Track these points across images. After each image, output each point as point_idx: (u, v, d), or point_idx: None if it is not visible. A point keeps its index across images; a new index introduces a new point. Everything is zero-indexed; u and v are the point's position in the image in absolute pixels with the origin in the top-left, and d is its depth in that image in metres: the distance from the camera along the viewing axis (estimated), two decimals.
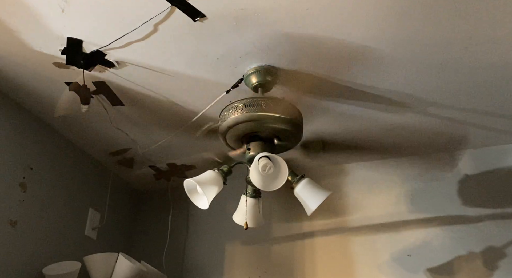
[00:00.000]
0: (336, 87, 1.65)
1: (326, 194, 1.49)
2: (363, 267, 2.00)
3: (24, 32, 1.46)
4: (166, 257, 2.29)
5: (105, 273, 1.87)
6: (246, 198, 1.64)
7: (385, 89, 1.66)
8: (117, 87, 1.71)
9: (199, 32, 1.41)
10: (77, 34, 1.46)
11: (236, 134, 1.51)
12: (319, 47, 1.46)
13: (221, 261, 2.24)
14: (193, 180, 1.47)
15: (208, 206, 1.50)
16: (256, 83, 1.55)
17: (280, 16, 1.34)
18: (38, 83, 1.71)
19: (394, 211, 2.07)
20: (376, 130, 1.93)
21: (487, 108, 1.76)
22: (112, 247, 2.23)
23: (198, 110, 1.76)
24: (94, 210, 2.19)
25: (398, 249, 1.99)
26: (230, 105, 1.49)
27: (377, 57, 1.50)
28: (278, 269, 2.13)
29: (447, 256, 1.92)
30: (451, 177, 2.05)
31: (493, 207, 1.94)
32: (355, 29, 1.38)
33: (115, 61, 1.57)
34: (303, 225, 2.17)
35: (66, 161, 2.07)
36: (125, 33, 1.42)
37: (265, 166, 1.37)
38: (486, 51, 1.46)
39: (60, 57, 1.55)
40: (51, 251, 1.90)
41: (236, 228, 1.67)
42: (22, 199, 1.80)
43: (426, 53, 1.48)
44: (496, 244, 1.88)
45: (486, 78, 1.59)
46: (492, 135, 1.96)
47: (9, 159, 1.77)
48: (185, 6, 1.31)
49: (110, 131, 1.99)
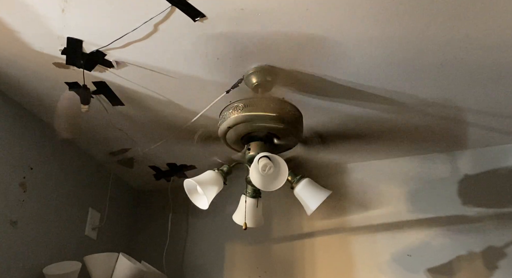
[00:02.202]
0: (336, 87, 1.65)
1: (326, 194, 1.50)
2: (363, 267, 2.00)
3: (24, 32, 1.46)
4: (166, 257, 2.29)
5: (105, 273, 1.87)
6: (246, 198, 1.64)
7: (385, 89, 1.66)
8: (117, 87, 1.71)
9: (199, 32, 1.41)
10: (77, 34, 1.46)
11: (236, 134, 1.51)
12: (319, 47, 1.46)
13: (221, 261, 2.23)
14: (193, 180, 1.47)
15: (208, 206, 1.50)
16: (256, 83, 1.55)
17: (280, 16, 1.34)
18: (38, 83, 1.71)
19: (394, 211, 2.06)
20: (376, 130, 1.93)
21: (487, 108, 1.76)
22: (112, 247, 2.22)
23: (198, 110, 1.76)
24: (94, 210, 2.19)
25: (398, 249, 1.99)
26: (230, 105, 1.49)
27: (377, 57, 1.50)
28: (278, 269, 2.13)
29: (447, 256, 1.91)
30: (451, 177, 2.05)
31: (493, 207, 1.94)
32: (355, 29, 1.38)
33: (115, 61, 1.57)
34: (303, 225, 2.17)
35: (66, 161, 2.07)
36: (125, 33, 1.42)
37: (265, 166, 1.36)
38: (485, 51, 1.46)
39: (60, 57, 1.55)
40: (51, 251, 1.90)
41: (236, 228, 1.67)
42: (22, 199, 1.80)
43: (426, 53, 1.48)
44: (496, 244, 1.88)
45: (485, 78, 1.59)
46: (492, 135, 1.96)
47: (9, 159, 1.77)
48: (185, 6, 1.31)
49: (110, 131, 1.99)
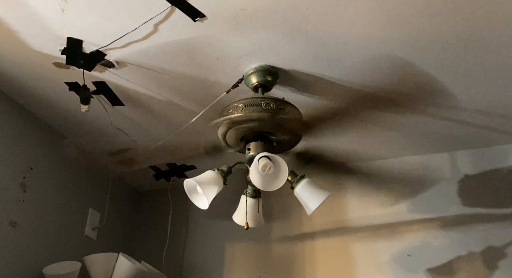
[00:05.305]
0: (336, 87, 1.65)
1: (326, 194, 1.49)
2: (363, 267, 2.00)
3: (24, 32, 1.46)
4: (166, 257, 2.29)
5: (105, 273, 1.87)
6: (246, 198, 1.64)
7: (385, 89, 1.66)
8: (117, 87, 1.71)
9: (199, 32, 1.41)
10: (77, 34, 1.46)
11: (236, 134, 1.51)
12: (319, 47, 1.46)
13: (221, 261, 2.23)
14: (193, 180, 1.47)
15: (208, 206, 1.50)
16: (256, 83, 1.55)
17: (280, 16, 1.34)
18: (38, 83, 1.71)
19: (394, 211, 2.06)
20: (376, 130, 1.93)
21: (487, 108, 1.76)
22: (112, 247, 2.22)
23: (198, 110, 1.76)
24: (94, 210, 2.19)
25: (398, 249, 1.99)
26: (230, 105, 1.49)
27: (377, 57, 1.50)
28: (278, 269, 2.13)
29: (447, 256, 1.91)
30: (451, 177, 2.05)
31: (493, 207, 1.94)
32: (355, 29, 1.38)
33: (115, 61, 1.57)
34: (303, 225, 2.17)
35: (66, 161, 2.07)
36: (125, 33, 1.42)
37: (265, 166, 1.36)
38: (485, 51, 1.46)
39: (60, 57, 1.55)
40: (51, 251, 1.90)
41: (236, 228, 1.67)
42: (22, 199, 1.80)
43: (426, 53, 1.47)
44: (496, 244, 1.87)
45: (485, 78, 1.59)
46: (492, 135, 1.96)
47: (9, 159, 1.77)
48: (185, 6, 1.31)
49: (110, 131, 1.99)
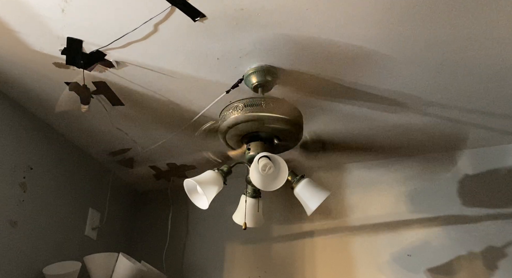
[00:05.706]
0: (336, 87, 1.65)
1: (326, 194, 1.49)
2: (363, 267, 2.00)
3: (24, 32, 1.46)
4: (166, 257, 2.29)
5: (105, 273, 1.87)
6: (246, 198, 1.64)
7: (385, 89, 1.66)
8: (117, 87, 1.71)
9: (199, 32, 1.41)
10: (77, 34, 1.46)
11: (236, 134, 1.51)
12: (319, 47, 1.46)
13: (221, 261, 2.23)
14: (193, 180, 1.47)
15: (208, 206, 1.50)
16: (256, 83, 1.55)
17: (280, 16, 1.34)
18: (38, 83, 1.71)
19: (394, 211, 2.07)
20: (376, 130, 1.93)
21: (487, 108, 1.76)
22: (112, 247, 2.22)
23: (198, 110, 1.76)
24: (94, 210, 2.19)
25: (398, 249, 1.99)
26: (230, 105, 1.49)
27: (377, 57, 1.50)
28: (278, 269, 2.13)
29: (447, 256, 1.91)
30: (451, 177, 2.05)
31: (493, 207, 1.94)
32: (355, 29, 1.38)
33: (115, 61, 1.57)
34: (303, 225, 2.17)
35: (66, 161, 2.07)
36: (125, 33, 1.42)
37: (265, 166, 1.36)
38: (485, 51, 1.47)
39: (60, 57, 1.54)
40: (51, 251, 1.90)
41: (236, 228, 1.67)
42: (22, 199, 1.80)
43: (426, 53, 1.48)
44: (496, 244, 1.88)
45: (485, 78, 1.59)
46: (492, 135, 1.96)
47: (9, 159, 1.77)
48: (185, 6, 1.31)
49: (110, 131, 1.99)
